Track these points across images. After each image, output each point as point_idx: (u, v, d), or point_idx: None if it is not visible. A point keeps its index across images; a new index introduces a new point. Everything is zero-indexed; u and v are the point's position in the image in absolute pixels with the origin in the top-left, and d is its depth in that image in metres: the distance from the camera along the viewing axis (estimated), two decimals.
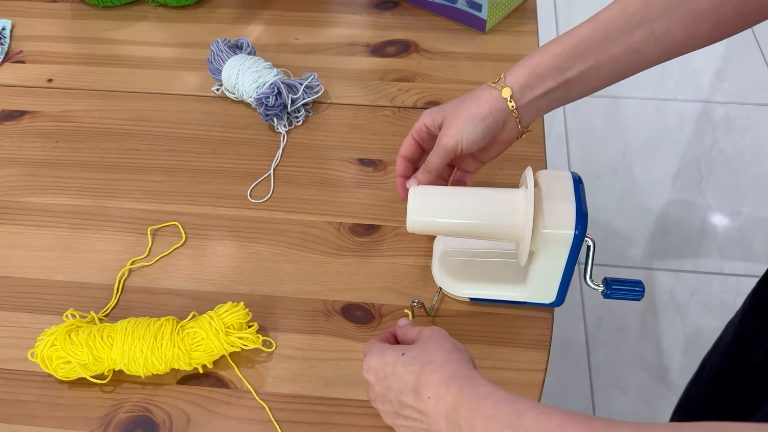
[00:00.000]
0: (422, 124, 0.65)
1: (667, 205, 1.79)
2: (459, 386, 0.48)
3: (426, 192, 0.60)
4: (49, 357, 0.60)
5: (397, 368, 0.51)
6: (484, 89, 0.62)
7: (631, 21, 0.57)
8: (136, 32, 0.99)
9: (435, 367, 0.50)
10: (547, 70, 0.60)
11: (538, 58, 0.60)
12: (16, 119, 0.87)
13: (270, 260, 0.72)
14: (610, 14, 0.58)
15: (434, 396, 0.48)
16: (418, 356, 0.51)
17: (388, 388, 0.52)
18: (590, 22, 0.59)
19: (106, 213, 0.76)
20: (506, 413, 0.45)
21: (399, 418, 0.52)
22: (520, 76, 0.61)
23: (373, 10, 1.02)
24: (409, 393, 0.50)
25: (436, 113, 0.64)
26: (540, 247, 0.58)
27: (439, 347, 0.51)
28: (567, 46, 0.59)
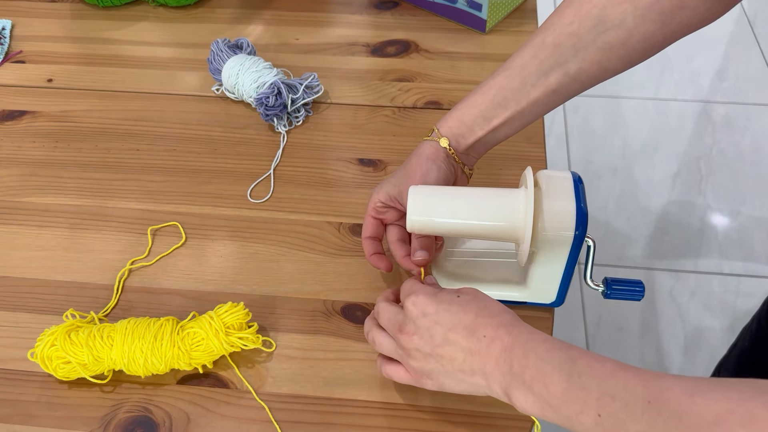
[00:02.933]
0: (376, 202, 0.65)
1: (667, 205, 1.79)
2: (518, 331, 0.49)
3: (426, 192, 0.60)
4: (49, 357, 0.60)
5: (453, 306, 0.52)
6: (423, 146, 0.64)
7: (544, 66, 0.60)
8: (136, 32, 0.99)
9: (493, 312, 0.51)
10: (475, 121, 0.63)
11: (464, 110, 0.63)
12: (16, 119, 0.87)
13: (270, 260, 0.72)
14: (522, 61, 0.61)
15: (491, 336, 0.50)
16: (474, 300, 0.52)
17: (437, 323, 0.52)
18: (505, 70, 0.62)
19: (106, 213, 0.76)
20: (560, 357, 0.46)
21: (434, 355, 0.52)
22: (451, 127, 0.64)
23: (373, 10, 1.02)
24: (461, 330, 0.51)
25: (389, 187, 0.65)
26: (540, 248, 0.58)
27: (492, 300, 0.53)
28: (488, 96, 0.62)
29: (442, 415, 0.60)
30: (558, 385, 0.45)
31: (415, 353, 0.53)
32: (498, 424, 0.59)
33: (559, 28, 0.59)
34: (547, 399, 0.46)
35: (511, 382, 0.48)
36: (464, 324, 0.51)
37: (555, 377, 0.45)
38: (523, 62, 0.61)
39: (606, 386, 0.43)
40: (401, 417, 0.60)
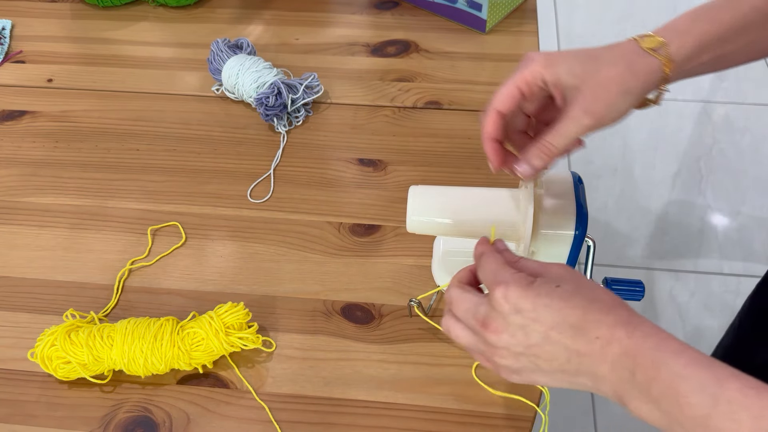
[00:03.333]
0: (538, 77, 0.51)
1: (667, 205, 1.79)
2: (642, 334, 0.42)
3: (426, 192, 0.60)
4: (49, 357, 0.60)
5: (553, 301, 0.44)
6: (640, 55, 0.50)
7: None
8: (136, 32, 0.99)
9: (604, 308, 0.43)
10: (710, 42, 0.51)
11: (706, 25, 0.51)
12: (16, 119, 0.87)
13: (270, 260, 0.71)
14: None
15: (606, 337, 0.42)
16: (578, 292, 0.44)
17: (535, 320, 0.44)
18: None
19: (106, 213, 0.76)
20: (703, 377, 0.39)
21: (529, 353, 0.45)
22: (685, 46, 0.50)
23: (373, 10, 1.02)
24: (567, 329, 0.43)
25: (564, 70, 0.50)
26: (540, 247, 0.58)
27: (597, 287, 0.45)
28: (738, 14, 0.51)
29: (442, 415, 0.60)
30: (698, 409, 0.38)
31: (503, 351, 0.46)
32: (498, 424, 0.59)
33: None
34: (680, 420, 0.39)
35: (630, 392, 0.42)
36: (570, 322, 0.43)
37: (694, 400, 0.38)
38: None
39: (765, 423, 0.36)
40: (401, 417, 0.60)
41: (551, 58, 0.51)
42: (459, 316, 0.48)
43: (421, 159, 0.81)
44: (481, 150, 0.81)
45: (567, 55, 0.51)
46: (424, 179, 0.79)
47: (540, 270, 0.47)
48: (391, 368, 0.63)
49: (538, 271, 0.47)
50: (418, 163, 0.80)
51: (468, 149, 0.81)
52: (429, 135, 0.83)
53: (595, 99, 0.50)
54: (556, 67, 0.50)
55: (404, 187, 0.74)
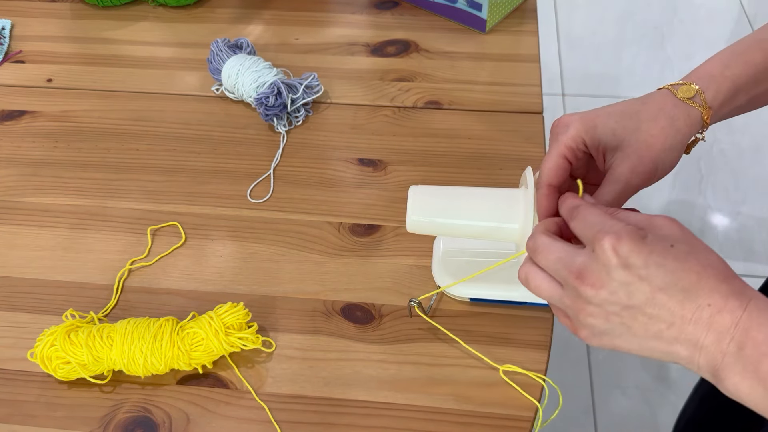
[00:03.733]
0: (580, 141, 0.50)
1: (667, 205, 1.79)
2: (757, 307, 0.40)
3: (425, 192, 0.60)
4: (48, 357, 0.60)
5: (667, 260, 0.41)
6: (679, 106, 0.50)
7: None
8: (135, 32, 0.99)
9: (719, 275, 0.41)
10: (745, 85, 0.50)
11: (739, 68, 0.50)
12: (16, 119, 0.87)
13: (270, 260, 0.71)
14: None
15: (718, 306, 0.40)
16: (693, 253, 0.41)
17: (644, 279, 0.41)
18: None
19: (105, 213, 0.76)
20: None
21: (626, 313, 0.42)
22: (722, 92, 0.50)
23: (373, 10, 1.02)
24: (677, 293, 0.40)
25: (604, 131, 0.49)
26: None
27: (711, 251, 0.42)
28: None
29: (442, 415, 0.60)
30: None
31: (594, 309, 0.43)
32: (498, 424, 0.59)
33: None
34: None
35: (733, 366, 0.39)
36: (681, 286, 0.40)
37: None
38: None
39: None
40: (401, 417, 0.60)
41: (588, 119, 0.50)
42: (545, 265, 0.45)
43: (421, 159, 0.81)
44: (480, 150, 0.81)
45: (603, 114, 0.50)
46: (424, 179, 0.79)
47: (646, 223, 0.44)
48: (391, 368, 0.63)
49: (644, 224, 0.44)
50: (418, 163, 0.80)
51: (468, 149, 0.81)
52: (429, 135, 0.83)
53: (640, 159, 0.49)
54: (596, 130, 0.49)
55: (404, 187, 0.74)
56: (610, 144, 0.49)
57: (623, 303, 0.42)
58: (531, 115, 0.85)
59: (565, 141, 0.50)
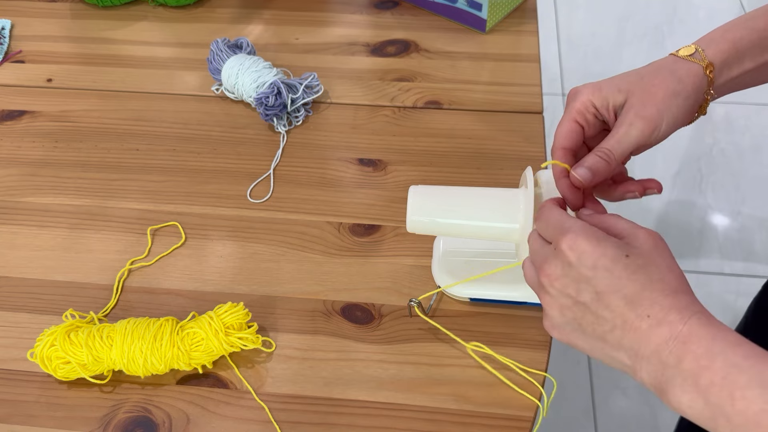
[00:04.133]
0: (589, 104, 0.52)
1: (667, 205, 1.79)
2: (698, 321, 0.40)
3: (426, 192, 0.60)
4: (48, 357, 0.60)
5: (616, 267, 0.42)
6: (679, 62, 0.51)
7: None
8: (135, 32, 0.99)
9: (666, 289, 0.42)
10: (749, 49, 0.51)
11: (741, 31, 0.51)
12: (16, 119, 0.87)
13: (270, 260, 0.71)
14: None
15: (657, 318, 0.41)
16: (645, 267, 0.43)
17: (591, 279, 0.43)
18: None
19: (105, 213, 0.76)
20: (763, 371, 0.37)
21: (576, 309, 0.44)
22: (721, 51, 0.51)
23: (373, 9, 1.01)
24: (619, 299, 0.42)
25: (614, 90, 0.51)
26: None
27: (670, 268, 0.43)
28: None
29: (442, 415, 0.60)
30: (752, 403, 0.37)
31: (551, 300, 0.46)
32: (498, 424, 0.59)
33: None
34: (728, 414, 0.38)
35: (673, 379, 0.40)
36: (623, 292, 0.42)
37: (750, 393, 0.37)
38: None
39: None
40: (401, 417, 0.60)
41: (596, 84, 0.52)
42: (530, 253, 0.49)
43: (421, 159, 0.81)
44: (480, 150, 0.81)
45: (610, 79, 0.53)
46: (424, 179, 0.79)
47: (626, 232, 0.45)
48: (391, 368, 0.63)
49: (624, 232, 0.45)
50: (418, 163, 0.80)
51: (468, 149, 0.81)
52: (429, 135, 0.83)
53: (644, 104, 0.50)
54: (603, 91, 0.52)
55: (404, 187, 0.74)
56: (617, 100, 0.51)
57: (573, 298, 0.44)
58: (531, 115, 0.85)
59: (575, 106, 0.52)
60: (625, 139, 0.51)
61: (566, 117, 0.53)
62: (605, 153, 0.51)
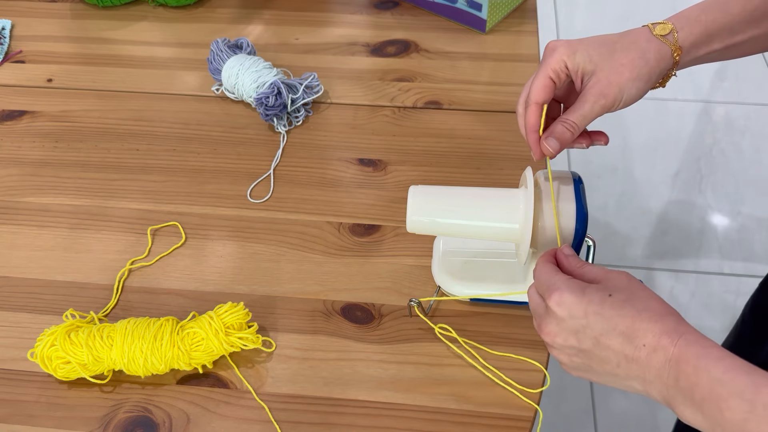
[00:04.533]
0: (563, 64, 0.55)
1: (667, 205, 1.79)
2: (686, 341, 0.44)
3: (426, 192, 0.60)
4: (48, 357, 0.60)
5: (604, 309, 0.46)
6: (651, 41, 0.54)
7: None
8: (135, 32, 0.99)
9: (653, 316, 0.46)
10: (719, 31, 0.54)
11: (715, 14, 0.54)
12: (16, 119, 0.87)
13: (270, 260, 0.71)
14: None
15: (652, 345, 0.45)
16: (630, 300, 0.47)
17: (586, 327, 0.47)
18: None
19: (105, 213, 0.76)
20: (741, 382, 0.41)
21: (582, 355, 0.48)
22: (693, 33, 0.54)
23: (373, 10, 1.02)
24: (616, 336, 0.46)
25: (586, 57, 0.54)
26: (540, 248, 0.58)
27: (650, 296, 0.47)
28: (748, 7, 0.53)
29: (442, 415, 0.60)
30: (736, 413, 0.40)
31: (557, 352, 0.50)
32: (498, 424, 0.59)
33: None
34: (721, 423, 0.41)
35: (676, 396, 0.44)
36: (619, 330, 0.46)
37: (733, 404, 0.40)
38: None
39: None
40: (401, 417, 0.60)
41: (572, 45, 0.55)
42: (531, 309, 0.52)
43: (421, 159, 0.81)
44: (480, 150, 0.81)
45: (585, 42, 0.55)
46: (424, 179, 0.79)
47: (600, 277, 0.50)
48: (391, 368, 0.63)
49: (599, 277, 0.50)
50: (418, 163, 0.80)
51: (468, 149, 0.81)
52: (429, 135, 0.83)
53: (609, 83, 0.53)
54: (576, 55, 0.54)
55: (404, 187, 0.74)
56: (587, 68, 0.54)
57: (577, 347, 0.48)
58: None
59: (551, 63, 0.55)
60: (589, 114, 0.55)
61: (542, 72, 0.55)
62: (571, 125, 0.55)
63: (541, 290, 0.51)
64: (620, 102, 0.55)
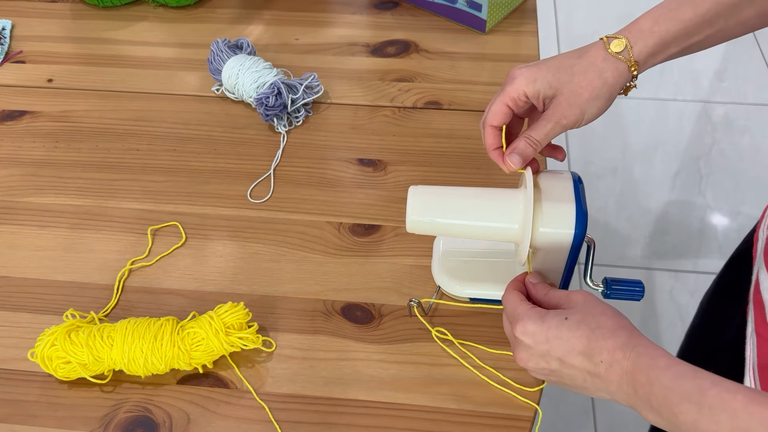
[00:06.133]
0: (521, 93, 0.57)
1: (667, 205, 1.79)
2: (636, 354, 0.48)
3: (425, 192, 0.60)
4: (49, 357, 0.60)
5: (562, 332, 0.51)
6: (608, 60, 0.55)
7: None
8: (136, 32, 0.99)
9: (606, 333, 0.50)
10: (675, 38, 0.55)
11: (668, 24, 0.55)
12: (16, 119, 0.87)
13: (270, 260, 0.72)
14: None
15: (608, 361, 0.49)
16: (584, 321, 0.51)
17: (549, 351, 0.52)
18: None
19: (106, 213, 0.76)
20: (688, 388, 0.44)
21: (555, 375, 0.53)
22: (648, 46, 0.55)
23: (373, 10, 1.02)
24: (576, 356, 0.50)
25: (545, 83, 0.56)
26: (540, 248, 0.58)
27: (603, 313, 0.51)
28: (699, 11, 0.55)
29: (442, 415, 0.60)
30: (687, 415, 0.44)
31: (533, 372, 0.55)
32: (498, 424, 0.59)
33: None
34: (677, 425, 0.45)
35: (637, 404, 0.48)
36: (578, 350, 0.50)
37: (683, 408, 0.44)
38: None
39: (739, 422, 0.42)
40: (401, 417, 0.60)
41: (531, 74, 0.57)
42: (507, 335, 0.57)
43: (421, 159, 0.81)
44: (480, 150, 0.81)
45: (544, 68, 0.57)
46: (424, 179, 0.79)
47: (562, 301, 0.54)
48: (391, 368, 0.63)
49: (561, 301, 0.54)
50: (418, 163, 0.80)
51: (468, 149, 0.81)
52: (429, 135, 0.83)
53: (569, 105, 0.56)
54: (536, 83, 0.57)
55: (404, 187, 0.74)
56: (548, 94, 0.57)
57: (547, 368, 0.53)
58: None
59: (509, 92, 0.57)
60: (551, 133, 0.57)
61: (499, 99, 0.58)
62: (534, 142, 0.57)
63: (509, 319, 0.55)
64: (582, 120, 0.57)
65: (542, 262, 0.60)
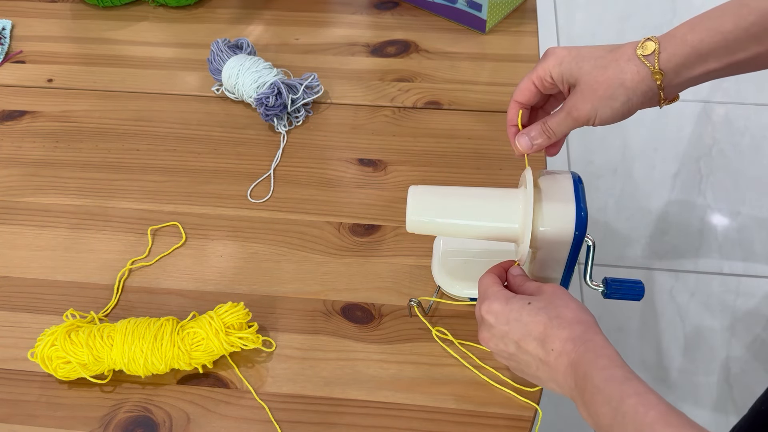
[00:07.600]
0: (548, 74, 0.56)
1: (667, 205, 1.79)
2: (585, 348, 0.48)
3: (425, 192, 0.60)
4: (49, 357, 0.60)
5: (522, 316, 0.52)
6: (632, 61, 0.52)
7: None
8: (136, 32, 0.99)
9: (563, 323, 0.50)
10: (713, 50, 0.50)
11: (702, 34, 0.50)
12: (16, 119, 0.87)
13: (270, 260, 0.72)
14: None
15: (558, 350, 0.50)
16: (545, 308, 0.52)
17: (508, 333, 0.53)
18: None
19: (106, 213, 0.76)
20: (612, 392, 0.45)
21: (513, 359, 0.54)
22: (678, 54, 0.51)
23: (373, 10, 1.02)
24: (531, 341, 0.51)
25: (569, 69, 0.54)
26: (540, 248, 0.58)
27: (566, 305, 0.52)
28: (742, 24, 0.49)
29: (442, 415, 0.60)
30: (605, 418, 0.45)
31: (498, 354, 0.56)
32: (498, 424, 0.59)
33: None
34: (600, 426, 0.46)
35: (575, 396, 0.49)
36: (534, 335, 0.51)
37: (603, 410, 0.45)
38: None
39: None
40: (401, 417, 0.60)
41: (561, 56, 0.55)
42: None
43: (421, 159, 0.81)
44: (480, 150, 0.81)
45: (576, 53, 0.55)
46: (424, 179, 0.79)
47: (534, 289, 0.54)
48: (391, 368, 0.63)
49: (533, 290, 0.55)
50: (418, 163, 0.80)
51: (468, 149, 0.81)
52: (429, 135, 0.83)
53: (583, 98, 0.54)
54: (561, 66, 0.55)
55: (404, 187, 0.74)
56: (570, 81, 0.56)
57: (506, 351, 0.54)
58: None
59: (538, 70, 0.57)
60: (564, 124, 0.56)
61: (528, 76, 0.58)
62: (548, 130, 0.57)
63: (480, 298, 0.56)
64: (594, 118, 0.54)
65: (542, 262, 0.60)
